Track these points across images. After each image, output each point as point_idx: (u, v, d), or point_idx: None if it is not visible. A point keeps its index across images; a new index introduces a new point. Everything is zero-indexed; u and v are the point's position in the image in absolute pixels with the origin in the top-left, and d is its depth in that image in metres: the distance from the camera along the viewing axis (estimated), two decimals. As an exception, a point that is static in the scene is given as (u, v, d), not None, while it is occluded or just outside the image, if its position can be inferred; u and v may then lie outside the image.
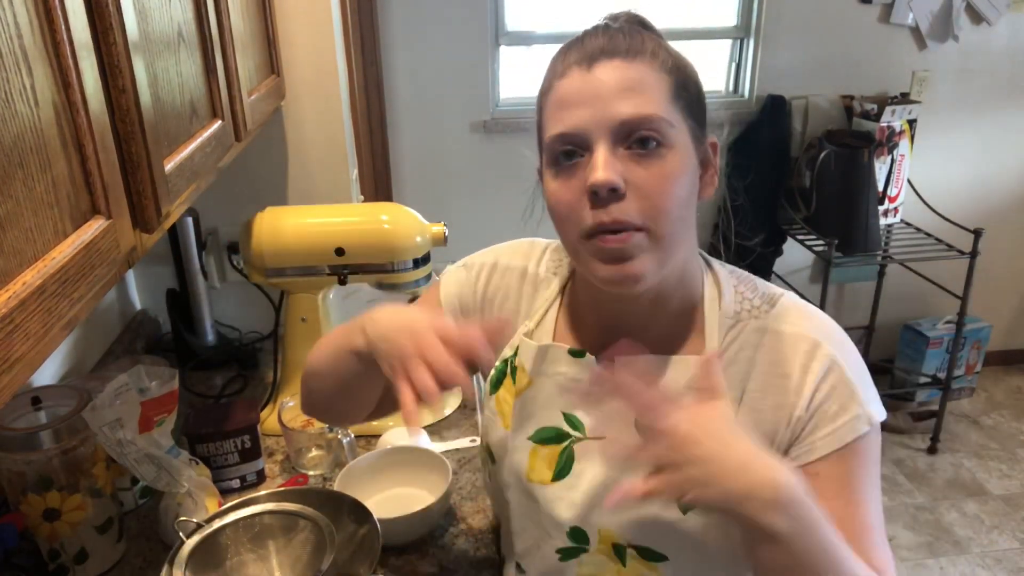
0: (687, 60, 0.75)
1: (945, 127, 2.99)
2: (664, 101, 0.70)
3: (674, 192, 0.69)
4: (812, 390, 0.72)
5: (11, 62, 0.50)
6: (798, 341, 0.73)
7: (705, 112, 0.75)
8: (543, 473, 0.81)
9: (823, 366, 0.72)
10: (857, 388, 0.72)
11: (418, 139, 2.77)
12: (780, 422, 0.73)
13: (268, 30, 1.42)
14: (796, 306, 0.77)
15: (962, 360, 3.10)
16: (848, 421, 0.72)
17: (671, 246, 0.71)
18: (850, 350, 0.75)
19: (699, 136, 0.73)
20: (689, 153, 0.71)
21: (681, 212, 0.70)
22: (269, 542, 0.98)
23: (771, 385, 0.74)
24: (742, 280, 0.80)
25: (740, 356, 0.75)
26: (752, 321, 0.76)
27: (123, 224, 0.67)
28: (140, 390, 1.04)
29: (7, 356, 0.47)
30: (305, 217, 1.32)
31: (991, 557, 2.42)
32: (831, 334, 0.74)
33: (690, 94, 0.73)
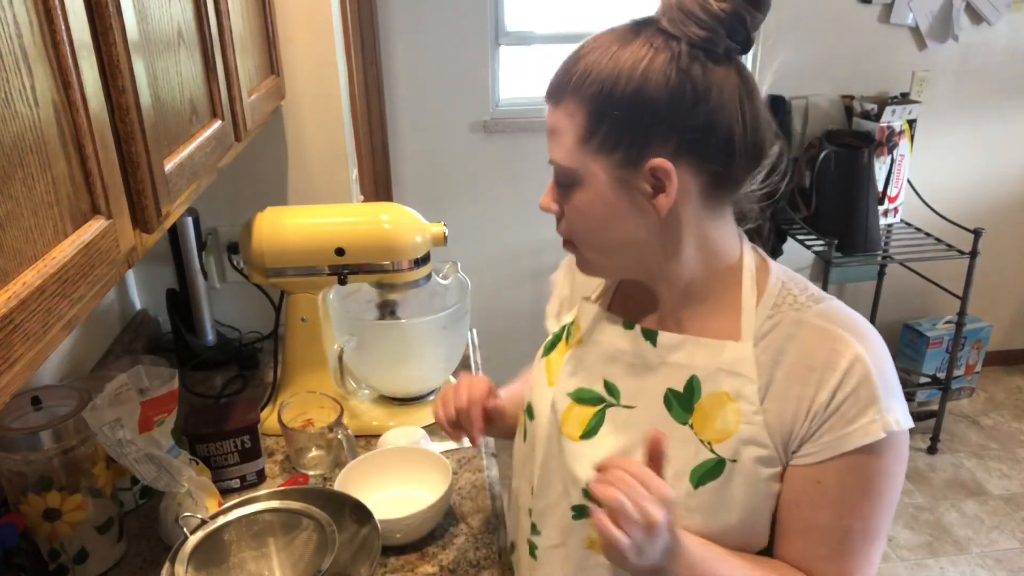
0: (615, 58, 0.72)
1: (945, 127, 2.99)
2: (570, 148, 0.75)
3: (583, 223, 0.78)
4: (835, 386, 0.72)
5: (11, 62, 0.50)
6: (830, 336, 0.74)
7: (640, 127, 0.72)
8: (573, 429, 0.85)
9: (848, 363, 0.72)
10: (880, 393, 0.71)
11: (418, 139, 2.77)
12: (800, 413, 0.74)
13: (268, 30, 1.42)
14: (839, 308, 0.77)
15: (962, 360, 3.11)
16: (864, 425, 0.71)
17: (603, 255, 0.80)
18: (882, 356, 0.74)
19: (627, 166, 0.73)
20: (602, 188, 0.74)
21: (601, 235, 0.77)
22: (270, 540, 0.98)
23: (797, 376, 0.74)
24: (793, 279, 0.81)
25: (773, 345, 0.76)
26: (792, 313, 0.77)
27: (123, 224, 0.67)
28: (140, 390, 1.05)
29: (7, 356, 0.47)
30: (305, 217, 1.32)
31: (991, 557, 2.42)
32: (865, 336, 0.74)
33: (608, 118, 0.72)
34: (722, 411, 0.76)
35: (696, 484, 0.76)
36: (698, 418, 0.78)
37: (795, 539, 0.78)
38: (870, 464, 0.73)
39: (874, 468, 0.73)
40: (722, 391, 0.77)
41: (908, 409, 0.74)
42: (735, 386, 0.76)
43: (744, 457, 0.75)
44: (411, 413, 1.39)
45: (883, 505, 0.75)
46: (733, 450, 0.75)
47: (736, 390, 0.76)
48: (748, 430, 0.75)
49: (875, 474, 0.73)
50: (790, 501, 0.76)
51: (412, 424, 1.33)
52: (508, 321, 3.04)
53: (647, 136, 0.72)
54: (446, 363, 1.43)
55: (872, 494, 0.74)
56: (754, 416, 0.75)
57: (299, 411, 1.30)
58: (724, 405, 0.76)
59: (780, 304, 0.78)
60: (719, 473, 0.76)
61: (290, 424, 1.26)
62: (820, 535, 0.76)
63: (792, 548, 0.78)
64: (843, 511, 0.74)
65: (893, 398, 0.73)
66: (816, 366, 0.73)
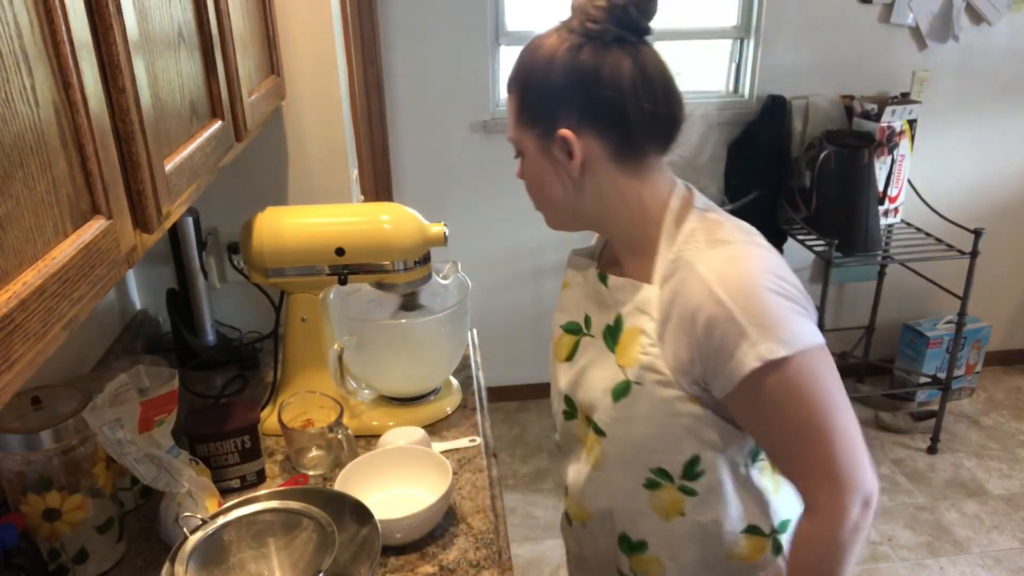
0: (535, 49, 0.90)
1: (945, 127, 2.99)
2: (512, 123, 0.93)
3: (530, 185, 0.95)
4: (706, 331, 0.83)
5: (11, 62, 0.50)
6: (702, 283, 0.84)
7: (546, 104, 0.88)
8: (561, 352, 1.05)
9: (712, 308, 0.82)
10: (747, 330, 0.81)
11: (418, 139, 2.77)
12: (688, 351, 0.86)
13: (268, 30, 1.42)
14: (726, 255, 0.85)
15: (962, 360, 3.10)
16: (740, 359, 0.81)
17: (552, 213, 0.96)
18: (750, 297, 0.82)
19: (546, 135, 0.88)
20: (537, 157, 0.91)
21: (539, 194, 0.94)
22: (270, 540, 0.98)
23: (684, 317, 0.85)
24: (709, 223, 0.90)
25: (671, 287, 0.87)
26: (688, 256, 0.86)
27: (123, 224, 0.67)
28: (140, 390, 1.05)
29: (7, 356, 0.47)
30: (305, 217, 1.32)
31: (991, 557, 2.42)
32: (729, 278, 0.83)
33: (528, 100, 0.89)
34: (633, 342, 0.91)
35: (615, 399, 0.92)
36: (620, 348, 0.93)
37: (774, 464, 0.93)
38: (764, 391, 0.82)
39: (768, 392, 0.82)
40: (635, 326, 0.91)
41: (805, 331, 0.82)
42: (642, 322, 0.90)
43: (646, 380, 0.89)
44: (411, 413, 1.39)
45: (806, 417, 0.83)
46: (637, 374, 0.90)
47: (642, 325, 0.90)
48: (646, 359, 0.89)
49: (774, 396, 0.82)
50: (742, 425, 0.90)
51: (412, 424, 1.33)
52: (508, 321, 3.04)
53: (554, 112, 0.87)
54: (446, 363, 1.43)
55: (792, 411, 0.83)
56: (651, 348, 0.89)
57: (299, 411, 1.30)
58: (635, 337, 0.90)
59: (683, 249, 0.88)
60: (628, 392, 0.91)
61: (290, 424, 1.26)
62: (776, 458, 0.90)
63: (783, 475, 0.91)
64: (770, 433, 0.86)
65: (769, 329, 0.81)
66: (694, 312, 0.84)
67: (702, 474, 0.92)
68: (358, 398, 1.39)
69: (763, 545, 0.97)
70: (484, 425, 1.40)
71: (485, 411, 1.45)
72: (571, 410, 1.03)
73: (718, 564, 0.97)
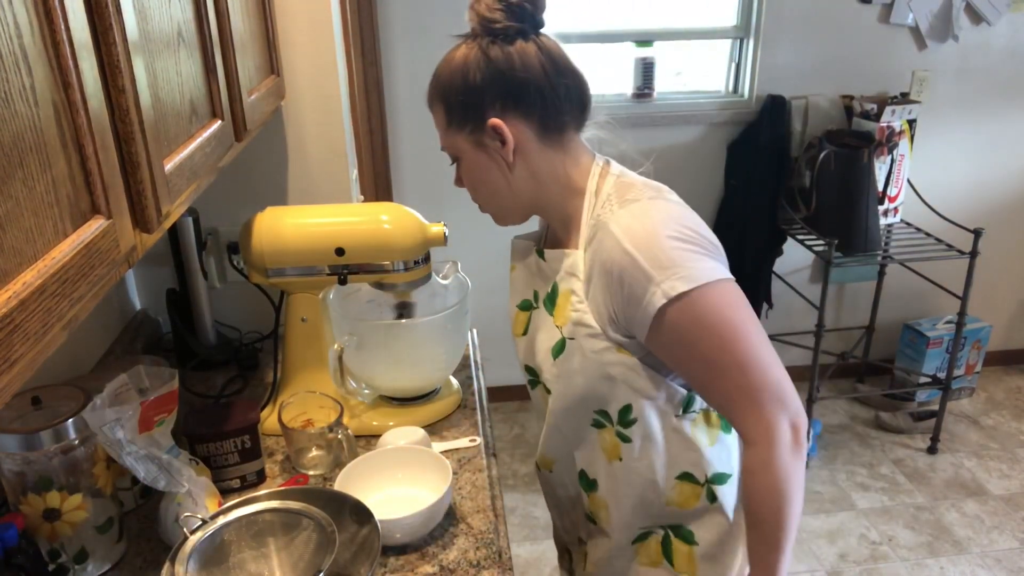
0: (448, 63, 0.99)
1: (945, 127, 2.99)
2: (443, 133, 1.02)
3: (475, 186, 1.04)
4: (618, 280, 0.92)
5: (11, 62, 0.50)
6: (611, 237, 0.93)
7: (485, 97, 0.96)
8: (518, 328, 1.15)
9: (619, 257, 0.91)
10: (650, 272, 0.89)
11: (418, 139, 2.77)
12: (608, 302, 0.95)
13: (268, 30, 1.42)
14: (632, 211, 0.94)
15: (962, 360, 3.11)
16: (648, 299, 0.90)
17: (501, 207, 1.06)
18: (651, 244, 0.90)
19: (476, 130, 0.98)
20: (473, 154, 1.00)
21: (488, 190, 1.03)
22: (270, 540, 0.98)
23: (601, 271, 0.94)
24: (623, 186, 0.98)
25: (592, 247, 0.97)
26: (603, 218, 0.95)
27: (123, 224, 0.67)
28: (140, 390, 1.05)
29: (7, 356, 0.47)
30: (305, 217, 1.32)
31: (991, 557, 2.42)
32: (632, 228, 0.92)
33: (454, 105, 0.98)
34: (566, 303, 1.00)
35: (554, 357, 1.02)
36: (556, 310, 1.03)
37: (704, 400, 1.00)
38: (677, 322, 0.89)
39: (680, 328, 0.90)
40: (568, 288, 1.00)
41: (707, 268, 0.90)
42: (572, 284, 1.00)
43: (578, 335, 0.98)
44: (411, 413, 1.39)
45: (720, 347, 0.90)
46: (571, 331, 0.99)
47: (572, 287, 1.00)
48: (576, 315, 0.98)
49: (686, 331, 0.90)
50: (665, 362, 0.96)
51: (412, 424, 1.33)
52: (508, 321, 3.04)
53: (480, 106, 0.97)
54: (446, 363, 1.43)
55: (706, 340, 0.90)
56: (579, 304, 0.98)
57: (299, 411, 1.30)
58: (568, 299, 1.00)
59: (600, 212, 0.97)
60: (564, 348, 1.00)
61: (290, 424, 1.26)
62: (704, 393, 0.96)
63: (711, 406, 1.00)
64: (694, 357, 0.92)
65: (670, 270, 0.89)
66: (608, 266, 0.93)
67: (635, 422, 1.00)
68: (358, 398, 1.39)
69: (697, 492, 1.04)
70: (484, 425, 1.40)
71: (485, 411, 1.45)
72: (533, 378, 1.12)
73: (655, 508, 1.06)
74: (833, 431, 3.00)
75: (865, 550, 2.45)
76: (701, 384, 0.95)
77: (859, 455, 2.88)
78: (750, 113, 2.86)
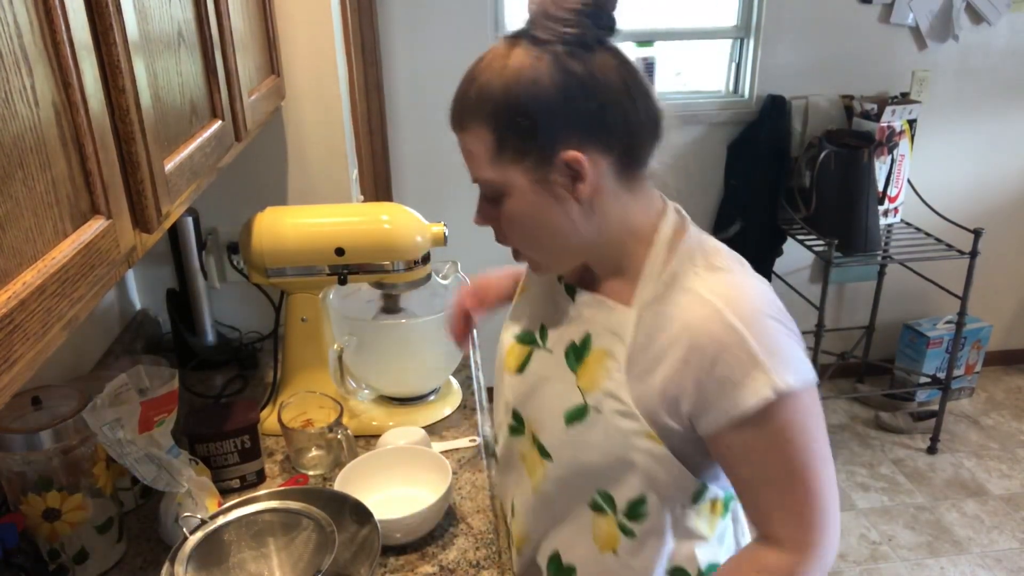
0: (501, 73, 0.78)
1: (945, 127, 2.99)
2: (486, 163, 0.80)
3: (519, 229, 0.84)
4: (712, 357, 0.76)
5: (11, 62, 0.50)
6: (708, 307, 0.78)
7: (557, 125, 0.77)
8: (512, 362, 0.98)
9: (722, 332, 0.76)
10: (761, 358, 0.75)
11: (418, 139, 2.77)
12: (676, 380, 0.79)
13: (268, 30, 1.42)
14: (729, 281, 0.80)
15: (962, 360, 3.10)
16: (750, 388, 0.75)
17: (550, 256, 0.87)
18: (760, 322, 0.77)
19: (543, 164, 0.78)
20: (525, 191, 0.80)
21: (539, 236, 0.84)
22: (270, 540, 0.98)
23: (677, 342, 0.79)
24: (704, 249, 0.84)
25: (661, 310, 0.81)
26: (685, 281, 0.81)
27: (123, 224, 0.67)
28: (140, 390, 1.04)
29: (7, 356, 0.47)
30: (305, 217, 1.32)
31: (991, 557, 2.42)
32: (740, 303, 0.77)
33: (511, 129, 0.78)
34: (599, 365, 0.85)
35: (567, 423, 0.87)
36: (583, 369, 0.87)
37: (743, 500, 0.85)
38: (773, 425, 0.76)
39: (779, 427, 0.76)
40: (603, 348, 0.85)
41: (807, 367, 0.78)
42: (612, 345, 0.84)
43: (605, 408, 0.83)
44: (411, 413, 1.39)
45: (807, 458, 0.78)
46: (597, 400, 0.84)
47: (611, 349, 0.84)
48: (610, 385, 0.83)
49: (782, 432, 0.77)
50: (725, 469, 0.83)
51: (412, 424, 1.33)
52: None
53: (551, 134, 0.77)
54: (446, 363, 1.43)
55: (788, 450, 0.77)
56: (616, 374, 0.82)
57: (299, 411, 1.30)
58: (602, 360, 0.85)
59: (678, 272, 0.82)
60: (584, 417, 0.85)
61: (290, 424, 1.26)
62: (752, 496, 0.82)
63: (747, 511, 0.85)
64: (766, 470, 0.79)
65: (779, 358, 0.76)
66: (693, 335, 0.78)
67: (644, 517, 0.87)
68: (358, 398, 1.39)
69: None
70: (484, 425, 1.40)
71: (485, 411, 1.46)
72: (518, 425, 0.97)
73: None
74: (833, 431, 3.00)
75: (865, 550, 2.45)
76: (752, 489, 0.82)
77: (859, 455, 2.88)
78: (750, 113, 2.86)
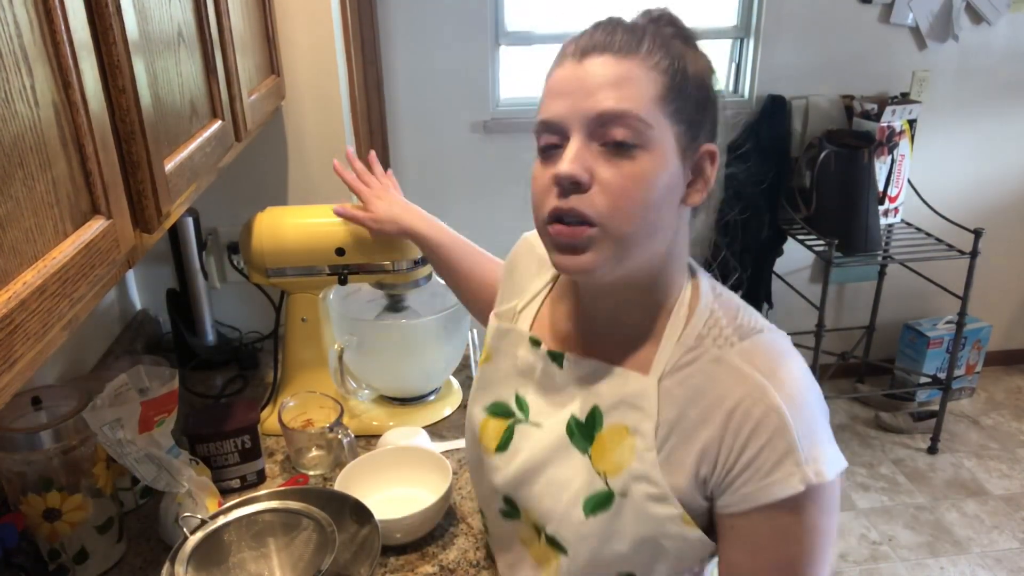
0: (702, 64, 0.73)
1: (945, 127, 2.99)
2: (648, 100, 0.68)
3: (639, 195, 0.68)
4: (746, 437, 0.69)
5: (11, 62, 0.50)
6: (747, 382, 0.70)
7: (709, 119, 0.72)
8: (490, 441, 0.87)
9: (763, 414, 0.68)
10: (798, 446, 0.68)
11: (418, 139, 2.77)
12: (709, 456, 0.71)
13: (268, 30, 1.42)
14: (764, 345, 0.72)
15: (962, 360, 3.10)
16: (781, 478, 0.68)
17: (629, 245, 0.70)
18: (803, 404, 0.70)
19: (690, 142, 0.71)
20: (669, 157, 0.69)
21: (646, 215, 0.69)
22: (270, 540, 0.98)
23: (711, 418, 0.71)
24: (726, 306, 0.76)
25: (689, 381, 0.73)
26: (714, 349, 0.73)
27: (123, 224, 0.67)
28: (140, 390, 1.04)
29: (7, 356, 0.47)
30: (305, 217, 1.32)
31: (991, 557, 2.42)
32: (784, 384, 0.69)
33: (687, 97, 0.70)
34: (620, 444, 0.75)
35: (588, 513, 0.76)
36: (597, 448, 0.77)
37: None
38: (790, 518, 0.69)
39: (794, 521, 0.70)
40: (623, 424, 0.75)
41: (837, 453, 0.71)
42: (635, 420, 0.74)
43: (634, 493, 0.74)
44: (411, 413, 1.39)
45: (809, 559, 0.71)
46: (624, 485, 0.74)
47: (635, 424, 0.74)
48: (639, 467, 0.73)
49: (796, 527, 0.70)
50: (721, 547, 0.75)
51: (412, 424, 1.33)
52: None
53: (707, 118, 0.72)
54: (446, 363, 1.43)
55: (794, 547, 0.71)
56: (646, 453, 0.73)
57: (299, 411, 1.30)
58: (623, 438, 0.75)
59: (704, 336, 0.74)
60: (609, 505, 0.75)
61: (290, 424, 1.26)
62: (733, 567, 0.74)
63: None
64: (764, 563, 0.72)
65: (815, 446, 0.69)
66: (730, 412, 0.70)
67: None
68: (358, 398, 1.39)
69: None
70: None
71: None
72: (513, 511, 0.86)
73: None
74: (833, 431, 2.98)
75: (865, 550, 2.45)
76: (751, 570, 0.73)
77: (859, 455, 2.88)
78: (750, 113, 2.86)
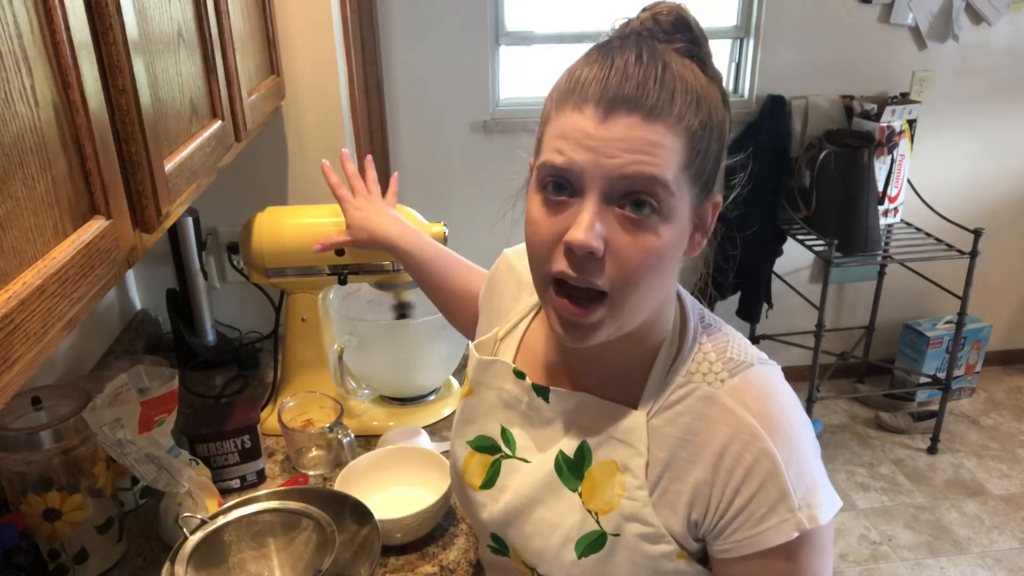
0: (718, 100, 0.67)
1: (945, 127, 2.99)
2: (676, 168, 0.63)
3: (653, 267, 0.65)
4: (738, 483, 0.67)
5: (11, 62, 0.50)
6: (738, 424, 0.67)
7: (719, 169, 0.69)
8: (474, 478, 0.84)
9: (754, 459, 0.66)
10: (791, 492, 0.66)
11: (418, 139, 2.77)
12: (700, 500, 0.69)
13: (268, 30, 1.41)
14: (757, 385, 0.70)
15: (962, 360, 3.11)
16: (774, 525, 0.66)
17: (633, 311, 0.68)
18: (795, 446, 0.67)
19: (701, 202, 0.68)
20: (684, 226, 0.67)
21: (654, 281, 0.66)
22: (270, 540, 0.98)
23: (701, 460, 0.69)
24: (715, 339, 0.73)
25: (679, 420, 0.70)
26: (704, 387, 0.70)
27: (123, 224, 0.67)
28: (140, 390, 1.04)
29: (7, 356, 0.47)
30: (305, 217, 1.32)
31: (991, 557, 2.42)
32: (778, 427, 0.67)
33: (708, 155, 0.66)
34: (610, 481, 0.73)
35: (580, 554, 0.74)
36: (587, 486, 0.74)
37: None
38: (784, 564, 0.67)
39: (789, 567, 0.68)
40: (612, 459, 0.73)
41: (832, 494, 0.69)
42: (624, 456, 0.72)
43: (627, 533, 0.72)
44: (411, 413, 1.39)
45: None
46: (616, 524, 0.72)
47: (624, 461, 0.72)
48: (630, 506, 0.71)
49: (791, 571, 0.68)
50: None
51: (412, 424, 1.33)
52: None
53: (717, 169, 0.68)
54: (446, 363, 1.43)
55: None
56: (637, 491, 0.71)
57: (299, 411, 1.30)
58: (613, 475, 0.73)
59: (694, 372, 0.71)
60: (601, 546, 0.73)
61: (290, 424, 1.26)
62: None
63: None
64: None
65: (809, 491, 0.67)
66: (720, 456, 0.68)
67: None
68: (358, 398, 1.39)
69: None
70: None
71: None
72: (502, 548, 0.84)
73: None
74: (833, 431, 3.00)
75: (865, 550, 2.45)
76: None
77: (859, 455, 2.88)
78: (750, 113, 2.86)
